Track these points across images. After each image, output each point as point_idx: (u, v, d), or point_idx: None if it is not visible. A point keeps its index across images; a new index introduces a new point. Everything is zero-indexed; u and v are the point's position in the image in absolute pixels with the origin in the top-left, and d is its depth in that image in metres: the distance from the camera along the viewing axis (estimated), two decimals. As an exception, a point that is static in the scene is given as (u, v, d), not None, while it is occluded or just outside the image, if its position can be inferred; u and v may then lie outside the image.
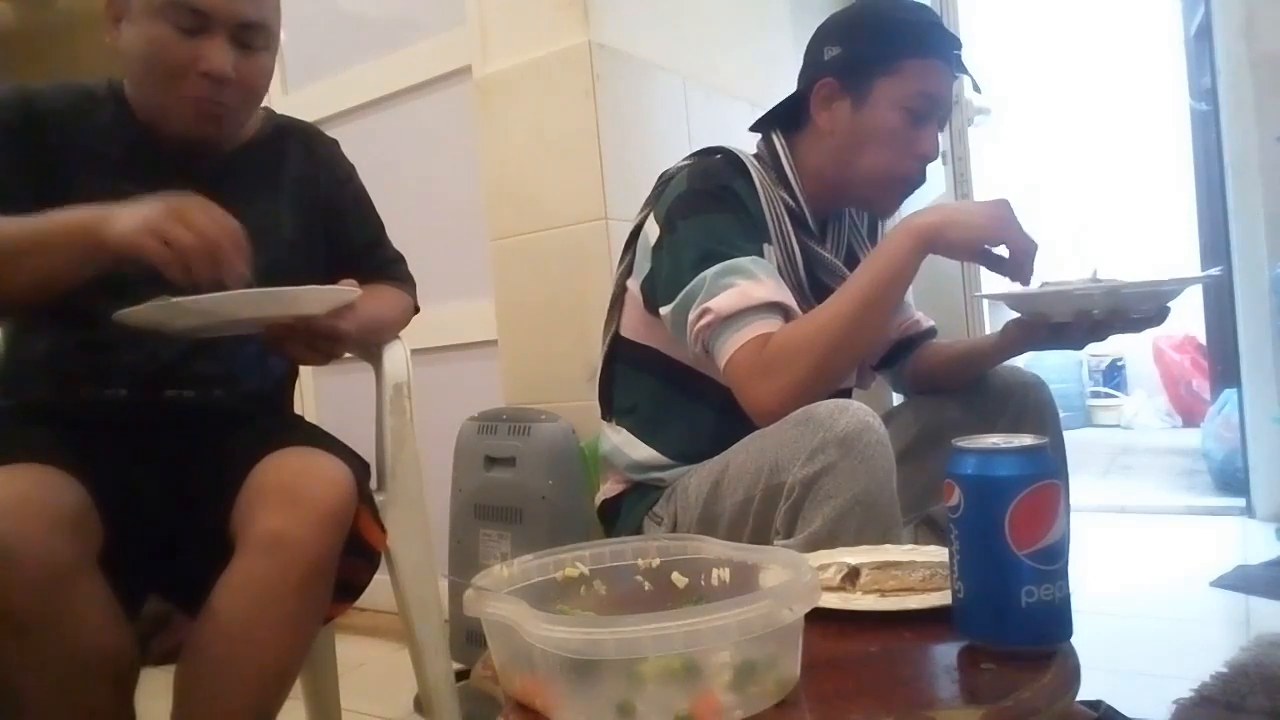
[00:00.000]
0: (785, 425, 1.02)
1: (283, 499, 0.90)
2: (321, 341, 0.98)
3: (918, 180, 1.23)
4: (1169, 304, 1.04)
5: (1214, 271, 1.02)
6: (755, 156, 1.25)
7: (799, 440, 0.98)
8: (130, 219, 0.86)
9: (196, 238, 0.84)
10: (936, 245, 1.03)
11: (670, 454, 1.22)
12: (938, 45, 1.17)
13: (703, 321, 1.09)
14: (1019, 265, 1.01)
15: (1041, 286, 1.08)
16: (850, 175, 1.21)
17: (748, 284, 1.08)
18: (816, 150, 1.23)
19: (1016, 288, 1.07)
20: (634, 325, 1.26)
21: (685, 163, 1.26)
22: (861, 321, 1.04)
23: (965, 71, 1.20)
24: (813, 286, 1.21)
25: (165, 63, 1.00)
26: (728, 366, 1.08)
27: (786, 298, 1.11)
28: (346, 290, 0.97)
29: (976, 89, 1.24)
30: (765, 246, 1.16)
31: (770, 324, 1.07)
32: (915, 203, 2.63)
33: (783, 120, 1.27)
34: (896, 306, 1.11)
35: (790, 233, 1.20)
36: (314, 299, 0.94)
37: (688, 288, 1.11)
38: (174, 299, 0.84)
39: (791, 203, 1.22)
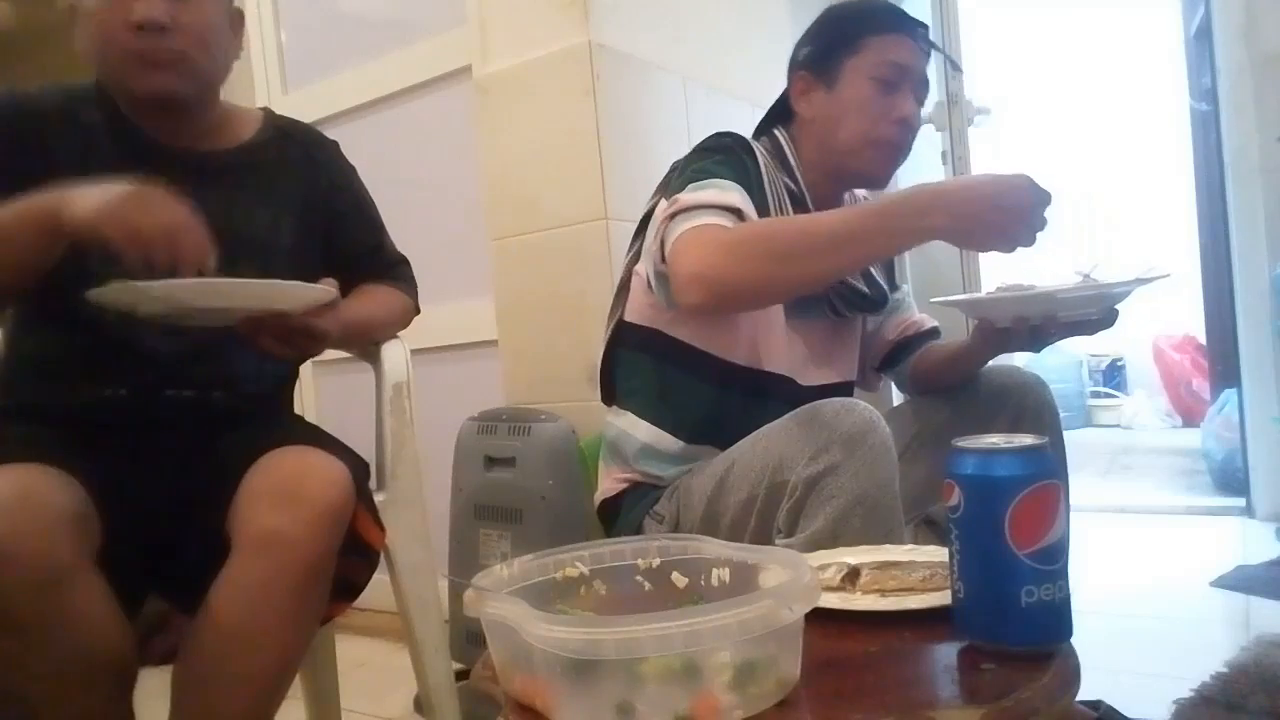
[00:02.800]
0: (791, 424, 1.03)
1: (279, 498, 0.90)
2: (296, 337, 0.98)
3: (902, 145, 1.24)
4: (1117, 306, 1.04)
5: (1157, 274, 0.99)
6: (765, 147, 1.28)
7: (803, 439, 0.99)
8: (89, 202, 0.84)
9: (156, 225, 0.83)
10: (940, 236, 0.97)
11: (674, 431, 1.22)
12: (898, 22, 1.23)
13: (668, 212, 1.10)
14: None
15: (998, 289, 1.08)
16: (836, 152, 1.25)
17: (716, 191, 1.10)
18: (805, 140, 1.27)
19: (975, 289, 1.07)
20: (638, 309, 1.27)
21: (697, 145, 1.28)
22: (827, 252, 0.98)
23: (933, 47, 1.25)
24: None
25: (101, 27, 0.99)
26: (674, 245, 1.06)
27: (751, 214, 1.11)
28: (317, 288, 0.95)
29: (956, 67, 1.28)
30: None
31: (724, 220, 1.07)
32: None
33: (778, 122, 1.32)
34: (871, 261, 1.07)
35: (790, 213, 1.22)
36: (281, 294, 0.93)
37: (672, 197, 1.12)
38: (136, 282, 0.83)
39: (794, 186, 1.25)
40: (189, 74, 1.04)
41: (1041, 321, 1.06)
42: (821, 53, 1.26)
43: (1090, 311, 1.05)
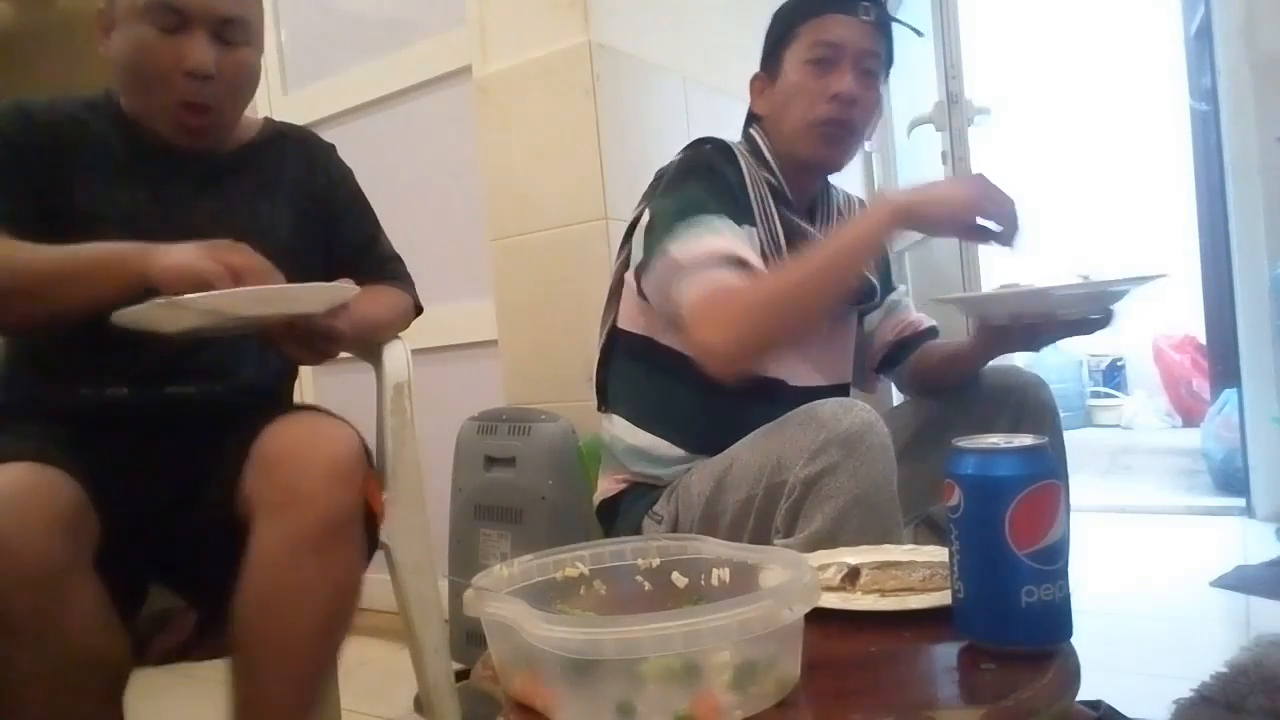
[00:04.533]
0: (789, 424, 1.03)
1: (290, 460, 0.92)
2: (318, 341, 0.99)
3: (842, 121, 1.22)
4: (1113, 306, 1.04)
5: (1153, 274, 0.99)
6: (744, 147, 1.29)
7: (801, 439, 0.99)
8: (181, 252, 0.89)
9: (249, 262, 0.89)
10: (913, 221, 1.04)
11: (666, 437, 1.22)
12: (832, 1, 1.22)
13: (665, 265, 1.12)
14: (1003, 234, 1.01)
15: (1000, 288, 1.08)
16: (787, 141, 1.25)
17: (714, 239, 1.10)
18: (770, 136, 1.28)
19: (975, 289, 1.08)
20: (629, 315, 1.28)
21: (679, 155, 1.28)
22: (821, 283, 1.04)
23: (884, 18, 1.23)
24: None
25: (150, 64, 1.01)
26: (685, 311, 1.09)
27: (749, 256, 1.12)
28: (345, 288, 0.97)
29: (916, 33, 1.31)
30: (748, 228, 1.19)
31: (728, 275, 1.08)
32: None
33: (752, 123, 1.34)
34: (858, 274, 1.11)
35: (773, 210, 1.23)
36: (313, 297, 0.95)
37: (662, 237, 1.14)
38: (174, 297, 0.84)
39: (774, 181, 1.26)
40: (220, 120, 1.09)
41: (1039, 320, 1.06)
42: (768, 50, 1.29)
43: (1088, 311, 1.05)
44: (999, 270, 2.23)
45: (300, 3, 2.29)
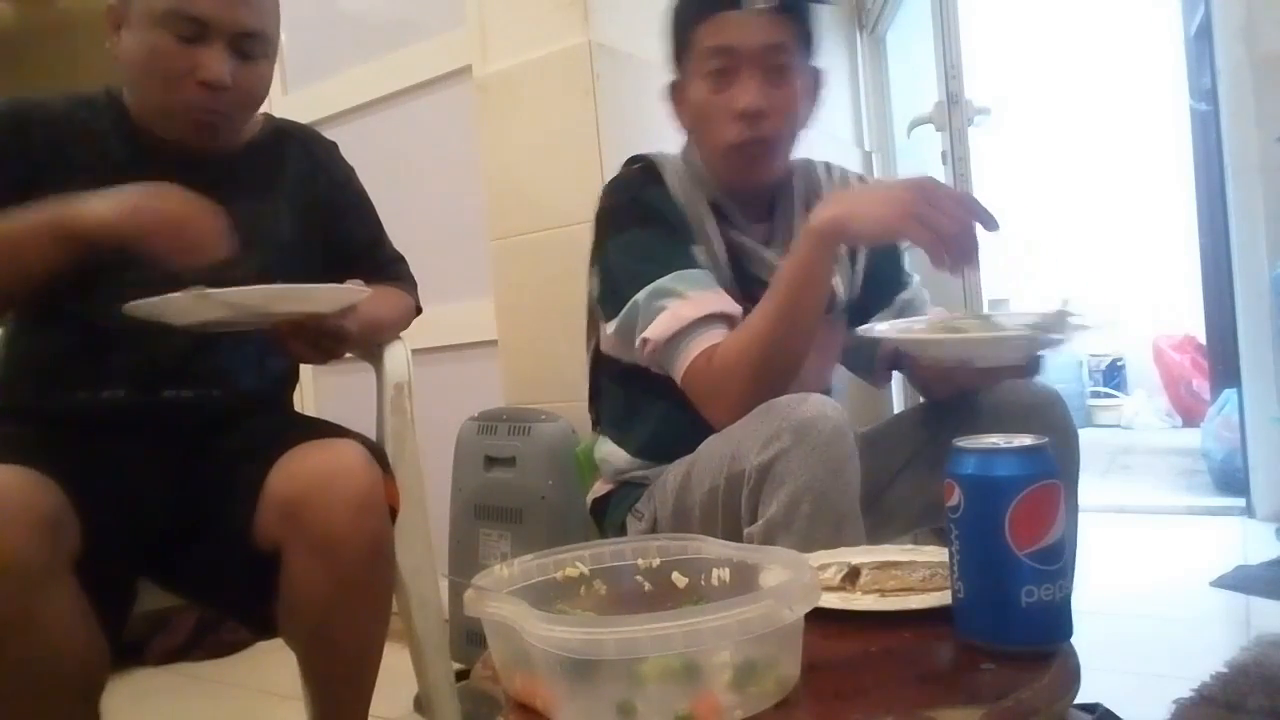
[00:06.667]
0: (748, 416, 1.03)
1: (312, 503, 0.92)
2: (325, 340, 0.99)
3: (755, 140, 1.13)
4: (1040, 354, 0.99)
5: (1084, 324, 0.91)
6: (684, 158, 1.25)
7: (758, 429, 0.99)
8: (103, 204, 0.87)
9: (176, 214, 0.87)
10: (842, 239, 1.03)
11: (653, 459, 1.23)
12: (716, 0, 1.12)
13: (646, 350, 1.12)
14: (937, 256, 0.92)
15: (931, 323, 1.04)
16: (708, 161, 1.20)
17: (676, 304, 1.10)
18: (699, 150, 1.22)
19: (906, 326, 1.06)
20: (606, 341, 1.28)
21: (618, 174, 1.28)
22: (786, 327, 1.04)
23: (767, 3, 1.10)
24: (740, 279, 1.20)
25: (164, 71, 1.00)
26: (683, 386, 1.11)
27: (719, 304, 1.11)
28: (358, 289, 0.98)
29: (826, 1, 1.24)
30: (694, 249, 1.17)
31: (709, 336, 1.09)
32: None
33: None
34: (821, 301, 1.07)
35: (713, 228, 1.20)
36: (328, 297, 0.96)
37: (624, 313, 1.14)
38: (208, 290, 0.85)
39: (712, 198, 1.21)
40: (230, 130, 1.10)
41: (956, 365, 1.03)
42: (672, 58, 1.21)
43: (1014, 358, 1.01)
44: (999, 275, 2.21)
45: (300, 3, 2.29)
